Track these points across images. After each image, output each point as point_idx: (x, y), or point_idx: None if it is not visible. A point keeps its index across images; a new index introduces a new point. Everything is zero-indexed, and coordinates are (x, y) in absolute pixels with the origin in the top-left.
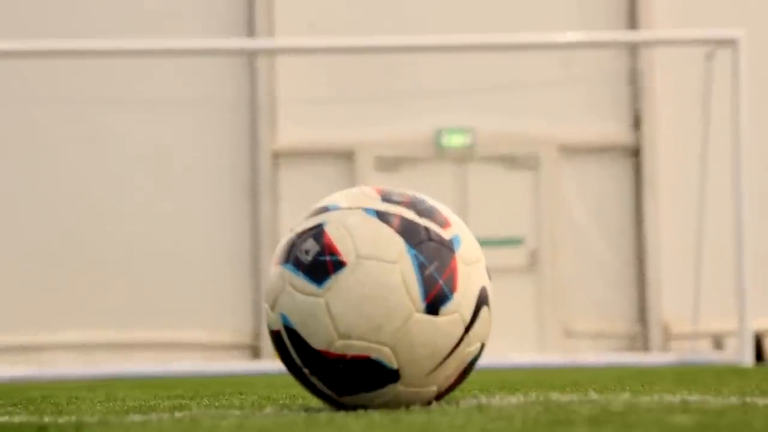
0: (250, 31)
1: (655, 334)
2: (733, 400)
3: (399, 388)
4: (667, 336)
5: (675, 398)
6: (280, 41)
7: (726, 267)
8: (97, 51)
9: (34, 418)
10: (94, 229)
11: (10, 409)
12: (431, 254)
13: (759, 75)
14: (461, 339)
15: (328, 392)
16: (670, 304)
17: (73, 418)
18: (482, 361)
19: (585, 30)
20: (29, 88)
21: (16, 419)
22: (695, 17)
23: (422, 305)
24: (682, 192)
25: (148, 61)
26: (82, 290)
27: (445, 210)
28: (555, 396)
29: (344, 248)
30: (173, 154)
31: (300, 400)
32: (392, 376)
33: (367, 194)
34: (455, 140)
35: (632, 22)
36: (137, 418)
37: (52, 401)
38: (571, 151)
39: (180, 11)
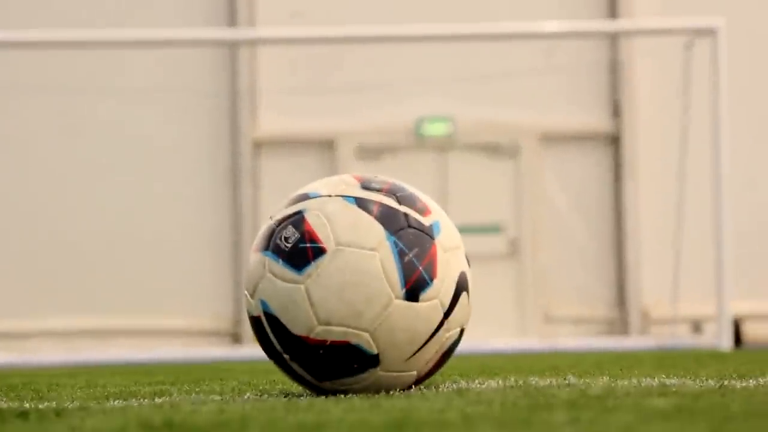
0: (232, 21)
1: (634, 319)
2: (711, 383)
3: (379, 373)
4: (646, 321)
5: (653, 382)
6: (260, 31)
7: (705, 252)
8: (78, 41)
9: (14, 404)
10: (75, 216)
11: None
12: (411, 241)
13: (738, 63)
14: (440, 324)
15: (308, 377)
16: (650, 289)
17: (54, 404)
18: (462, 347)
19: (565, 19)
20: (10, 78)
21: None
22: (676, 6)
23: (402, 291)
24: (661, 179)
25: (130, 50)
26: (64, 277)
27: (424, 197)
28: (534, 380)
29: (324, 235)
30: (155, 143)
31: (280, 385)
32: (372, 361)
33: (346, 182)
34: (436, 129)
35: (612, 11)
36: (117, 403)
37: (32, 387)
38: (551, 139)
39: (162, 1)
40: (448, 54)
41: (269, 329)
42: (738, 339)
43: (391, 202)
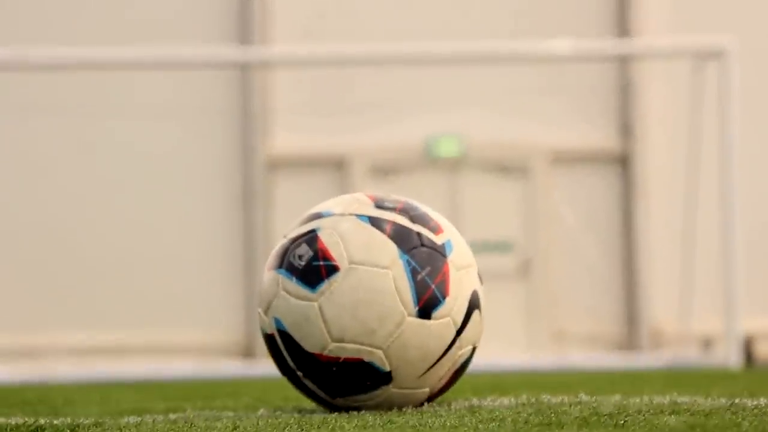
0: (244, 40)
1: (644, 337)
2: (722, 401)
3: (391, 390)
4: (657, 339)
5: (664, 400)
6: (273, 51)
7: (715, 271)
8: (92, 62)
9: (30, 420)
10: (90, 234)
11: (6, 410)
12: (423, 259)
13: (749, 83)
14: (453, 342)
15: (322, 394)
16: (660, 308)
17: (69, 420)
18: (474, 364)
19: (576, 38)
20: (23, 98)
21: (12, 421)
22: (687, 25)
23: (414, 309)
24: (671, 199)
25: (143, 70)
26: (79, 294)
27: (437, 216)
28: (546, 398)
29: (337, 254)
30: (168, 161)
31: (293, 402)
32: (385, 378)
33: (360, 201)
34: (447, 148)
35: (623, 30)
36: (132, 419)
37: (47, 403)
38: (561, 159)
39: (173, 20)
40: (459, 73)
41: (283, 346)
42: (749, 357)
43: (405, 221)
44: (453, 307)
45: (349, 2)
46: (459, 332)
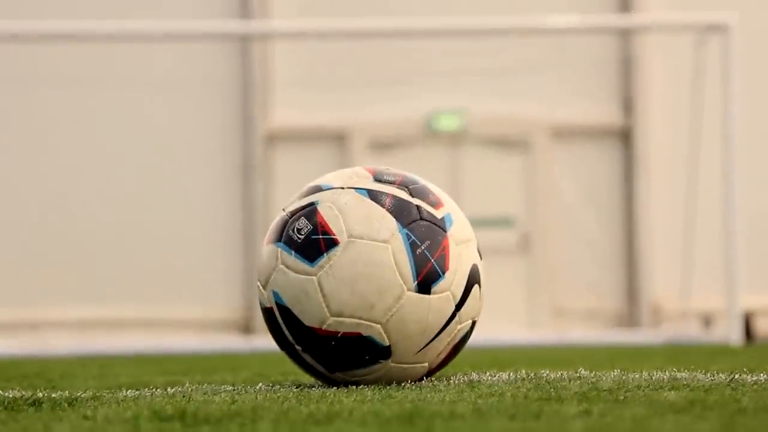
0: (244, 14)
1: (645, 313)
2: (722, 377)
3: (390, 364)
4: (657, 315)
5: (664, 375)
6: (273, 25)
7: (716, 247)
8: (92, 34)
9: (27, 393)
10: (89, 207)
11: (4, 384)
12: (423, 233)
13: (751, 58)
14: (452, 317)
15: (320, 369)
16: (661, 284)
17: (66, 393)
18: (473, 339)
19: (577, 12)
20: (22, 69)
21: (10, 394)
22: (689, 0)
23: (414, 284)
24: (672, 173)
25: (142, 43)
26: (77, 268)
27: (437, 190)
28: (545, 373)
29: (336, 227)
30: (167, 135)
31: (292, 376)
32: (384, 352)
33: (359, 174)
34: (447, 123)
35: (625, 5)
36: (130, 393)
37: (45, 376)
38: (562, 134)
39: None
40: (459, 48)
41: (281, 320)
42: (749, 334)
43: (404, 195)
44: (452, 281)
45: None
46: (458, 307)
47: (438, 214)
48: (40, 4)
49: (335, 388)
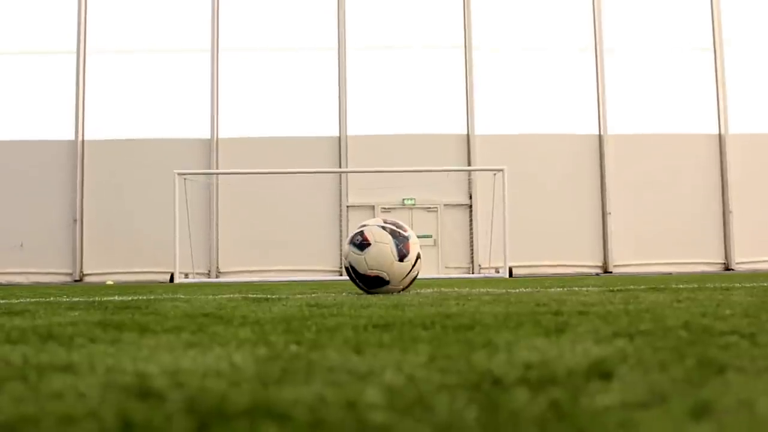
0: None
1: (475, 265)
2: (500, 291)
3: (389, 286)
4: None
5: (483, 290)
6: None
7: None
8: None
9: (263, 296)
10: None
11: (253, 291)
12: (400, 240)
13: None
14: (411, 269)
15: (364, 288)
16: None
17: (275, 296)
18: (419, 279)
19: None
20: None
21: (256, 295)
22: None
23: (396, 258)
24: None
25: None
26: None
27: (406, 225)
28: (450, 290)
29: (371, 238)
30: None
31: (354, 291)
32: (387, 282)
33: (378, 221)
34: (409, 202)
35: None
36: (299, 296)
37: (270, 291)
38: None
39: None
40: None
41: (351, 270)
42: (511, 274)
43: (394, 228)
44: (411, 257)
45: None
46: (413, 266)
47: (405, 234)
48: None
49: (369, 295)
